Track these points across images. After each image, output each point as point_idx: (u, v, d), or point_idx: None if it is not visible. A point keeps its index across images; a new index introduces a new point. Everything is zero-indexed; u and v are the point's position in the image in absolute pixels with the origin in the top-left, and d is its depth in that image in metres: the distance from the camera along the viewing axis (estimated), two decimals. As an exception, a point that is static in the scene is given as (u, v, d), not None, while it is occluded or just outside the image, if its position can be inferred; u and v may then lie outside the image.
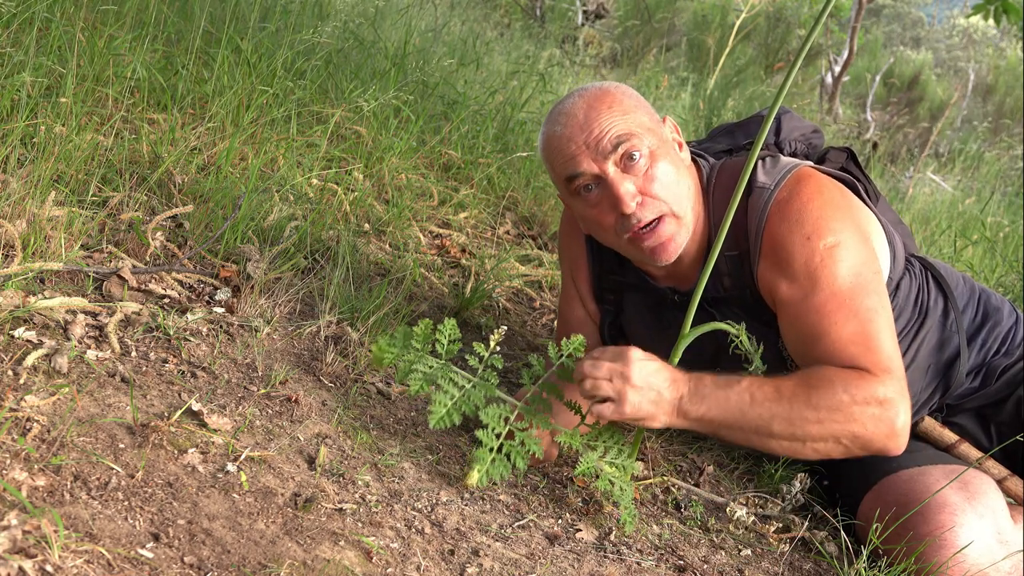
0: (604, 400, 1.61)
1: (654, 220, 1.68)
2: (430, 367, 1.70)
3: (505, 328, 1.73)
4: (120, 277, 1.87)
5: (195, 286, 2.00)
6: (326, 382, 1.83)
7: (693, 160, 1.83)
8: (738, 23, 6.07)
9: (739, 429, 1.62)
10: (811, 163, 1.82)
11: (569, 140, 1.69)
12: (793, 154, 1.91)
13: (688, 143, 1.90)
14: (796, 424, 1.60)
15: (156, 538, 1.27)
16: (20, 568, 1.11)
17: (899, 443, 1.64)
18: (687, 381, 1.63)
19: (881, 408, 1.60)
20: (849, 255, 1.67)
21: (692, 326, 1.66)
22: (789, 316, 1.70)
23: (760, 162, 1.77)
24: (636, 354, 1.62)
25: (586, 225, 1.79)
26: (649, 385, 1.60)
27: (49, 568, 1.14)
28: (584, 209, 1.74)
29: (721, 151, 1.93)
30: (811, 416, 1.59)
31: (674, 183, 1.70)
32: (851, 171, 1.89)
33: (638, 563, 1.58)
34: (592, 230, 1.79)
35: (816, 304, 1.66)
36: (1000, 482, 1.77)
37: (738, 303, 1.77)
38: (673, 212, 1.70)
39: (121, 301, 1.82)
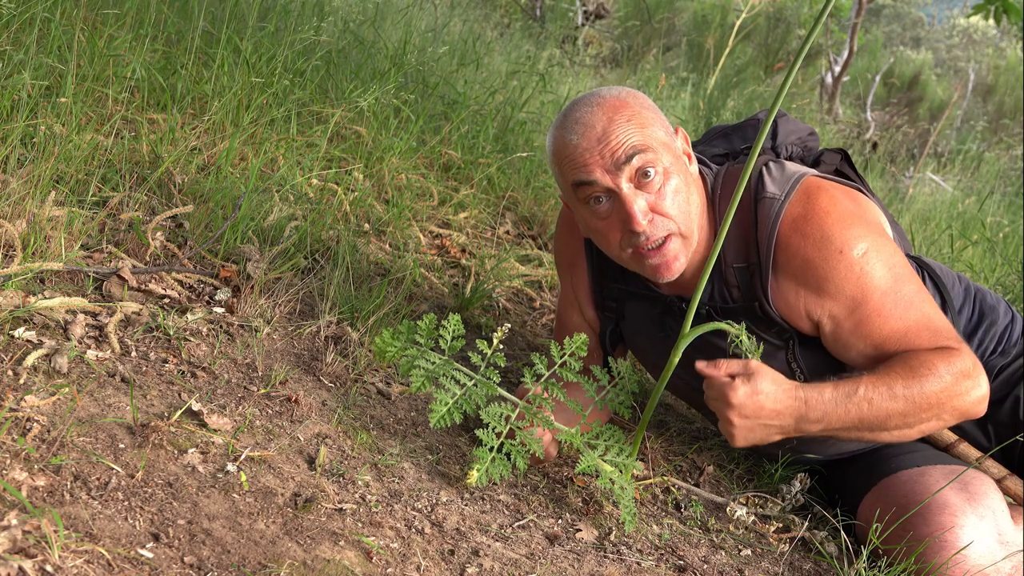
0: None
1: (662, 238, 1.67)
2: (432, 363, 1.70)
3: (508, 326, 1.73)
4: (120, 277, 1.87)
5: (195, 286, 2.00)
6: (326, 382, 1.83)
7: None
8: (738, 23, 6.07)
9: (854, 430, 1.66)
10: (814, 171, 1.81)
11: (584, 150, 1.66)
12: (789, 157, 1.91)
13: None
14: (911, 415, 1.64)
15: (156, 538, 1.27)
16: (20, 568, 1.11)
17: (984, 407, 1.70)
18: (803, 402, 1.63)
19: (972, 379, 1.66)
20: (881, 254, 1.69)
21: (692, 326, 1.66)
22: (845, 331, 1.69)
23: (765, 169, 1.75)
24: (751, 386, 1.61)
25: (587, 231, 1.77)
26: (760, 415, 1.61)
27: (49, 568, 1.14)
28: (590, 219, 1.71)
29: (717, 155, 1.93)
30: (924, 403, 1.63)
31: (685, 201, 1.69)
32: (846, 173, 1.89)
33: (638, 563, 1.58)
34: (594, 238, 1.76)
35: (873, 309, 1.67)
36: (999, 482, 1.77)
37: (747, 315, 1.75)
38: (681, 231, 1.68)
39: (121, 301, 1.82)
